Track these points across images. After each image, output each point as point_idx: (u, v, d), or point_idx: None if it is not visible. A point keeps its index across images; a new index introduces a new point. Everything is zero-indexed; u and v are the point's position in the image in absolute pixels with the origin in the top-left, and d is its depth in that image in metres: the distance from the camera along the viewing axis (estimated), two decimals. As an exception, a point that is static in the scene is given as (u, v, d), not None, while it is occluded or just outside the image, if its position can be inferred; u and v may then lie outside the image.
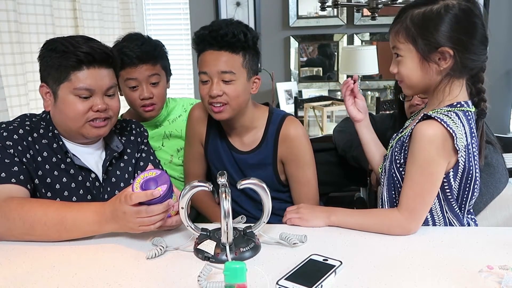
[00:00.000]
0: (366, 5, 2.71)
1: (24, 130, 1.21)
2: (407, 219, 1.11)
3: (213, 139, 1.53)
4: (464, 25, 1.08)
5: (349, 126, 1.80)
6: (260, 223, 1.06)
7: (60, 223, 1.08)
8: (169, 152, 1.73)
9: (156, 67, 1.60)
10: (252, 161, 1.49)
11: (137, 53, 1.55)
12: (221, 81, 1.35)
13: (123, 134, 1.40)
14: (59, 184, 1.22)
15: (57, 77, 1.21)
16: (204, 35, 1.37)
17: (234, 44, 1.34)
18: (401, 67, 1.15)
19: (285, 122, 1.46)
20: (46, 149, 1.22)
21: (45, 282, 0.93)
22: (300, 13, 3.81)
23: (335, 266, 0.93)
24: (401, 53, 1.14)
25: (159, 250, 1.02)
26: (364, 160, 1.64)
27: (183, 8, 3.99)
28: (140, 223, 1.03)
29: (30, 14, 2.41)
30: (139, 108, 1.62)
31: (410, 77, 1.14)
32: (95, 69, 1.22)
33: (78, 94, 1.21)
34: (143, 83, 1.58)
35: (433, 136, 1.07)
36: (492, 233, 1.13)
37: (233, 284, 0.82)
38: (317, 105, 3.16)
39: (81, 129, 1.23)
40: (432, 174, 1.09)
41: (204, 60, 1.37)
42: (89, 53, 1.20)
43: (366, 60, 3.41)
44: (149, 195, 1.01)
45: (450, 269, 0.94)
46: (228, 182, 1.02)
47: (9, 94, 2.19)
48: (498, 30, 3.66)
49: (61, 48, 1.20)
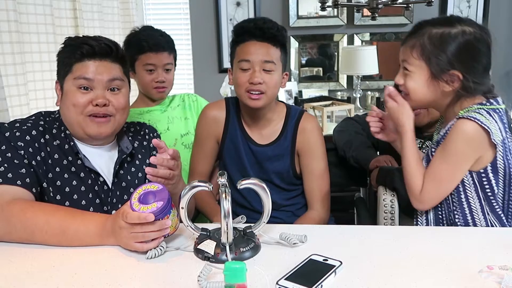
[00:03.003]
0: (366, 5, 2.71)
1: (37, 131, 1.20)
2: (417, 198, 1.18)
3: (231, 135, 1.58)
4: (476, 52, 1.14)
5: (349, 126, 1.81)
6: (260, 223, 1.06)
7: (61, 233, 1.07)
8: (174, 136, 1.88)
9: (171, 57, 1.86)
10: (271, 153, 1.56)
11: (159, 41, 1.79)
12: (262, 70, 1.44)
13: (135, 138, 1.38)
14: (68, 187, 1.21)
15: (64, 71, 1.23)
16: (249, 27, 1.46)
17: (276, 37, 1.46)
18: (409, 81, 1.18)
19: (303, 117, 1.57)
20: (57, 151, 1.22)
21: (45, 282, 0.93)
22: (300, 13, 3.81)
23: (335, 266, 0.93)
24: (411, 68, 1.17)
25: (159, 250, 1.02)
26: (363, 160, 1.64)
27: (183, 8, 3.98)
28: (134, 238, 1.02)
29: (30, 14, 2.41)
30: (152, 89, 1.83)
31: (416, 92, 1.18)
32: (96, 61, 1.23)
33: (78, 85, 1.21)
34: (159, 68, 1.81)
35: (469, 132, 1.11)
36: (492, 233, 1.13)
37: (233, 284, 0.82)
38: (317, 105, 3.15)
39: (82, 124, 1.22)
40: (455, 164, 1.13)
41: (247, 49, 1.46)
42: (92, 46, 1.22)
43: (366, 60, 3.41)
44: (142, 218, 0.99)
45: (450, 269, 0.94)
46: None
47: (9, 94, 2.19)
48: (498, 30, 3.66)
49: (69, 43, 1.25)
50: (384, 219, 1.48)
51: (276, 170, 1.56)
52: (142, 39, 1.78)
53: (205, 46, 3.91)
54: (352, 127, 1.78)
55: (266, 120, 1.56)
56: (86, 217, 1.10)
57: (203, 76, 3.96)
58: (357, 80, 3.59)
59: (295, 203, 1.61)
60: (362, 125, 1.79)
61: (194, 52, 3.92)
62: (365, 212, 1.73)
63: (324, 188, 1.57)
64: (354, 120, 1.83)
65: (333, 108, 3.20)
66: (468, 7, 3.66)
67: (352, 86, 3.83)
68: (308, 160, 1.56)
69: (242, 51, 1.47)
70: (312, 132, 1.56)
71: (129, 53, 1.78)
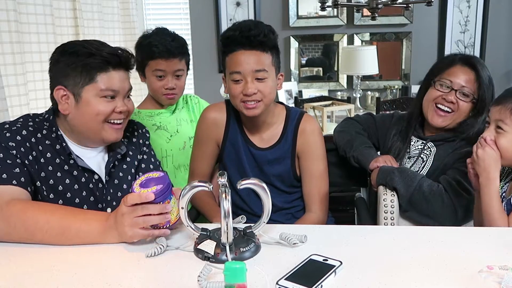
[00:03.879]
0: (366, 5, 2.71)
1: (28, 131, 1.20)
2: None
3: (232, 139, 1.57)
4: None
5: (349, 126, 1.81)
6: (260, 223, 1.06)
7: (62, 232, 1.07)
8: (183, 138, 1.87)
9: (182, 62, 1.79)
10: (272, 156, 1.55)
11: (169, 48, 1.72)
12: (254, 80, 1.41)
13: (125, 135, 1.39)
14: (62, 186, 1.22)
15: (80, 79, 1.21)
16: (235, 36, 1.41)
17: (265, 43, 1.41)
18: (503, 139, 1.25)
19: (303, 118, 1.56)
20: (49, 150, 1.22)
21: (45, 282, 0.93)
22: (300, 13, 3.81)
23: (335, 266, 0.93)
24: (506, 128, 1.24)
25: (159, 248, 1.02)
26: (364, 159, 1.64)
27: (183, 8, 3.99)
28: (136, 224, 1.04)
29: (30, 14, 2.41)
30: (161, 95, 1.80)
31: (509, 151, 1.24)
32: (119, 71, 1.24)
33: (104, 95, 1.22)
34: (169, 75, 1.77)
35: None
36: (492, 233, 1.13)
37: (233, 284, 0.82)
38: (317, 105, 3.15)
39: (101, 132, 1.24)
40: None
41: (237, 60, 1.41)
42: (116, 55, 1.23)
43: (366, 60, 3.41)
44: (143, 197, 1.02)
45: (450, 269, 0.94)
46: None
47: (9, 94, 2.19)
48: (498, 30, 3.67)
49: (84, 50, 1.21)
50: (384, 219, 1.48)
51: (277, 173, 1.56)
52: (153, 44, 1.72)
53: (205, 46, 3.91)
54: (353, 127, 1.78)
55: (266, 124, 1.55)
56: (88, 216, 1.11)
57: (203, 76, 3.96)
58: (357, 80, 3.59)
59: (294, 206, 1.61)
60: (363, 125, 1.79)
61: (194, 52, 3.92)
62: (366, 212, 1.73)
63: (323, 190, 1.56)
64: (354, 120, 1.83)
65: (333, 108, 3.20)
66: (468, 7, 3.66)
67: (352, 86, 3.83)
68: (308, 161, 1.55)
69: (232, 62, 1.43)
70: (312, 134, 1.55)
71: (139, 57, 1.75)
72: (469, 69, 1.54)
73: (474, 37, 3.70)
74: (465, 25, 3.69)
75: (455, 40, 3.71)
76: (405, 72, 3.79)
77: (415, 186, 1.47)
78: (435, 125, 1.57)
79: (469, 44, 3.71)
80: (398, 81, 3.83)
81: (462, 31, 3.70)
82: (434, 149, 1.59)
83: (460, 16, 3.68)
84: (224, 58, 1.47)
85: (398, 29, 3.77)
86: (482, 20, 3.65)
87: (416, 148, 1.63)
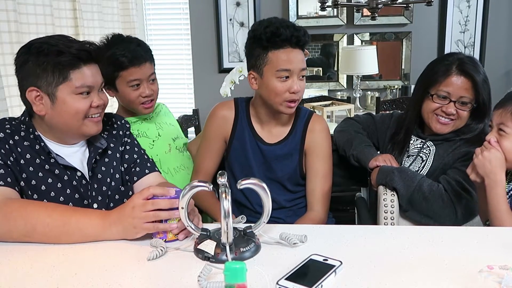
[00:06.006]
0: (366, 5, 2.71)
1: (5, 133, 1.19)
2: None
3: (239, 135, 1.59)
4: None
5: (349, 125, 1.81)
6: (260, 223, 1.06)
7: (63, 225, 1.07)
8: (167, 141, 1.79)
9: (152, 65, 1.69)
10: (280, 152, 1.57)
11: (138, 54, 1.62)
12: (297, 78, 1.45)
13: (105, 129, 1.37)
14: (44, 185, 1.21)
15: (53, 79, 1.18)
16: (286, 33, 1.40)
17: (307, 43, 1.46)
18: (505, 141, 1.26)
19: (313, 117, 1.60)
20: (28, 151, 1.21)
21: (45, 282, 0.93)
22: (300, 13, 3.81)
23: (335, 266, 0.93)
24: (508, 131, 1.26)
25: (160, 250, 1.02)
26: (364, 158, 1.64)
27: (183, 8, 3.99)
28: (146, 218, 1.06)
29: (30, 14, 2.41)
30: (138, 105, 1.69)
31: (511, 153, 1.26)
32: (90, 65, 1.23)
33: (80, 92, 1.21)
34: (144, 82, 1.66)
35: None
36: (492, 233, 1.13)
37: (233, 284, 0.82)
38: (317, 105, 3.15)
39: (82, 127, 1.23)
40: None
41: (287, 58, 1.42)
42: (86, 50, 1.21)
43: (366, 60, 3.41)
44: (166, 191, 1.08)
45: (450, 269, 0.94)
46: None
47: (9, 94, 2.19)
48: (498, 30, 3.66)
49: (52, 49, 1.18)
50: (384, 219, 1.48)
51: (284, 170, 1.57)
52: (118, 54, 1.58)
53: (205, 46, 3.91)
54: (352, 126, 1.78)
55: (278, 119, 1.57)
56: (88, 211, 1.14)
57: (203, 76, 3.96)
58: (357, 80, 3.59)
59: (297, 204, 1.62)
60: (362, 125, 1.79)
61: (194, 52, 3.92)
62: (366, 212, 1.73)
63: (326, 189, 1.57)
64: (354, 120, 1.83)
65: (333, 108, 3.20)
66: (468, 7, 3.66)
67: (352, 86, 3.83)
68: (314, 160, 1.57)
69: (279, 59, 1.42)
70: (321, 133, 1.57)
71: (105, 71, 1.40)
72: (465, 78, 1.51)
73: (474, 37, 3.70)
74: (465, 25, 3.69)
75: (455, 40, 3.71)
76: (405, 72, 3.79)
77: (415, 186, 1.47)
78: (439, 133, 1.57)
79: (469, 44, 3.71)
80: (398, 81, 3.83)
81: (462, 31, 3.70)
82: (433, 148, 1.59)
83: (460, 16, 3.68)
84: (263, 54, 1.44)
85: (398, 29, 3.77)
86: (482, 20, 3.65)
87: (415, 147, 1.63)
